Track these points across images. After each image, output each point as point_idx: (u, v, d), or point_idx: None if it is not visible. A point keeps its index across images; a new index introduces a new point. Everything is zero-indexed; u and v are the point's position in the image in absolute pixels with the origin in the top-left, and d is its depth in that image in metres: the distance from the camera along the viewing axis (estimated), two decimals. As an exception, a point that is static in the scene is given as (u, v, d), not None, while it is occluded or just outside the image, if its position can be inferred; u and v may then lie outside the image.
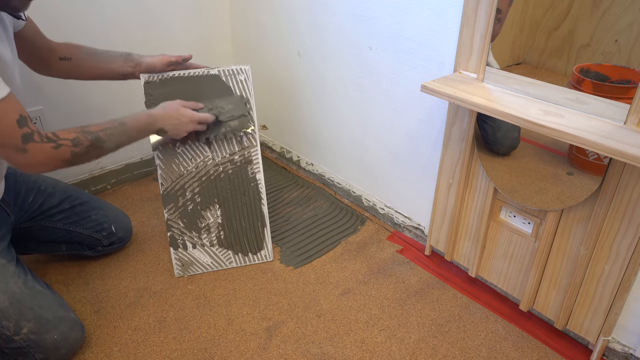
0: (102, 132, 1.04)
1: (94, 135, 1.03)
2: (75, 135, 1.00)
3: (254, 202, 1.39)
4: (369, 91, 1.44)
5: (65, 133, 0.99)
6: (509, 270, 1.23)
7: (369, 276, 1.37)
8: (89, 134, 1.02)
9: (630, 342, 1.07)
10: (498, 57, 1.16)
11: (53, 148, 0.96)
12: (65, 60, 1.21)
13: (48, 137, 0.96)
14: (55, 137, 0.97)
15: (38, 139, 0.94)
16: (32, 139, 0.93)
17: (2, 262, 1.06)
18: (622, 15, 0.99)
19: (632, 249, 0.96)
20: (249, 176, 1.37)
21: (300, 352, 1.13)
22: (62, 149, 0.97)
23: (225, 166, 1.36)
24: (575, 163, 1.11)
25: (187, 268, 1.36)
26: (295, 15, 1.58)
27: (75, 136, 1.00)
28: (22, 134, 0.92)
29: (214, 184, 1.36)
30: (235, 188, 1.38)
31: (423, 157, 1.37)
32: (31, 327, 1.02)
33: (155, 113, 1.16)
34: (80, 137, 1.00)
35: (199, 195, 1.35)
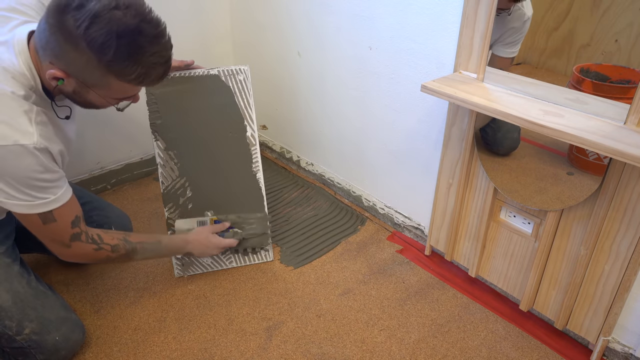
0: (139, 244, 1.13)
1: (132, 246, 1.11)
2: (117, 243, 1.08)
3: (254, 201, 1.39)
4: (369, 91, 1.44)
5: (109, 238, 1.07)
6: (509, 270, 1.23)
7: (369, 276, 1.37)
8: (128, 244, 1.10)
9: (630, 342, 1.07)
10: (498, 57, 1.16)
11: (94, 250, 1.04)
12: None
13: (93, 238, 1.04)
14: (99, 240, 1.05)
15: (84, 239, 1.02)
16: (79, 239, 1.01)
17: (7, 262, 1.06)
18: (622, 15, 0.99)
19: (632, 249, 0.96)
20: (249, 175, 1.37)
21: (300, 352, 1.13)
22: (101, 252, 1.05)
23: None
24: (575, 163, 1.11)
25: (187, 268, 1.36)
26: (295, 15, 1.58)
27: (117, 243, 1.08)
28: (73, 233, 0.99)
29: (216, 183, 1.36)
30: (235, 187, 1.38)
31: (423, 157, 1.37)
32: (33, 327, 1.02)
33: (189, 239, 1.25)
34: (120, 245, 1.08)
35: (199, 195, 1.35)
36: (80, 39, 0.80)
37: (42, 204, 0.92)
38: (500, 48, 1.15)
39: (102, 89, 0.89)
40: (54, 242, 0.99)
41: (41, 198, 0.91)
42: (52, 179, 0.92)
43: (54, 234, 0.97)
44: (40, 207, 0.92)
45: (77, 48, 0.81)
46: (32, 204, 0.90)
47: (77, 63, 0.83)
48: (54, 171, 0.93)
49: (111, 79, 0.86)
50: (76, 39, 0.80)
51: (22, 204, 0.90)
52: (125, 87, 0.89)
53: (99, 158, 1.73)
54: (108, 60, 0.82)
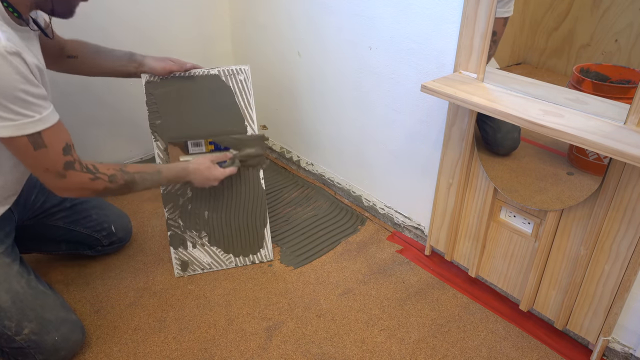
0: (138, 174, 1.09)
1: (130, 177, 1.08)
2: (114, 173, 1.05)
3: (254, 201, 1.39)
4: (369, 91, 1.44)
5: (105, 168, 1.04)
6: (509, 270, 1.23)
7: (369, 276, 1.37)
8: (126, 174, 1.07)
9: (630, 342, 1.07)
10: (498, 57, 1.16)
11: (90, 179, 1.01)
12: (72, 58, 1.23)
13: (88, 167, 1.01)
14: (94, 170, 1.02)
15: (78, 167, 0.99)
16: (73, 167, 0.98)
17: (6, 262, 1.06)
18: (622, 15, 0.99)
19: (632, 249, 0.96)
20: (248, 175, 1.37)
21: (300, 352, 1.13)
22: (98, 182, 1.02)
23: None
24: (575, 163, 1.11)
25: (187, 268, 1.36)
26: (295, 15, 1.58)
27: (114, 173, 1.05)
28: (65, 161, 0.97)
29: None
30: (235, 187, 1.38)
31: (423, 157, 1.37)
32: (33, 327, 1.02)
33: (189, 167, 1.21)
34: (117, 175, 1.05)
35: (199, 195, 1.35)
36: None
37: (28, 123, 0.88)
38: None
39: None
40: (48, 172, 0.95)
41: (26, 115, 0.87)
42: (35, 93, 0.88)
43: (47, 161, 0.94)
44: (27, 127, 0.88)
45: None
46: (18, 124, 0.86)
47: None
48: (35, 84, 0.88)
49: None
50: None
51: (7, 125, 0.86)
52: None
53: (99, 158, 1.71)
54: None
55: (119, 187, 1.06)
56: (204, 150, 1.32)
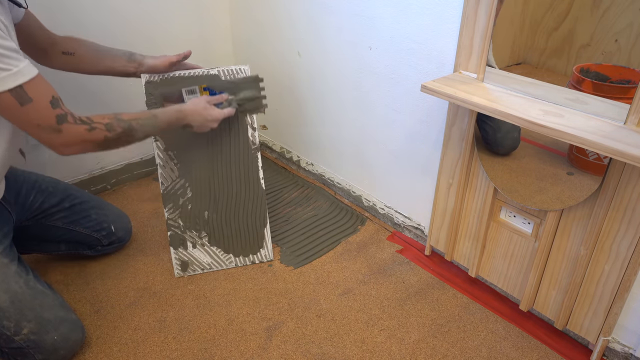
0: (134, 121, 1.07)
1: (127, 124, 1.05)
2: (109, 121, 1.02)
3: (254, 201, 1.39)
4: (369, 91, 1.44)
5: (99, 118, 1.02)
6: (509, 270, 1.23)
7: (369, 276, 1.37)
8: (122, 122, 1.04)
9: (630, 342, 1.07)
10: (498, 57, 1.16)
11: (87, 130, 0.98)
12: (67, 54, 1.22)
13: (82, 119, 0.98)
14: (89, 121, 0.99)
15: (72, 120, 0.96)
16: (66, 120, 0.96)
17: (4, 262, 1.06)
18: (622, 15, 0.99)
19: (632, 249, 0.96)
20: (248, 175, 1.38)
21: (300, 352, 1.13)
22: (96, 132, 1.00)
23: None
24: (575, 163, 1.11)
25: (186, 268, 1.36)
26: (295, 15, 1.58)
27: (109, 122, 1.02)
28: (56, 114, 0.94)
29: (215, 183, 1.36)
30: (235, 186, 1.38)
31: (423, 157, 1.37)
32: (32, 327, 1.02)
33: (184, 108, 1.18)
34: (113, 123, 1.03)
35: (199, 195, 1.35)
36: None
37: (7, 77, 0.86)
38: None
39: None
40: (41, 128, 0.93)
41: (2, 69, 0.85)
42: (5, 45, 0.86)
43: (37, 116, 0.92)
44: (6, 81, 0.86)
45: None
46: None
47: None
48: (6, 37, 0.86)
49: None
50: None
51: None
52: None
53: (99, 158, 1.73)
54: None
55: (118, 135, 1.04)
56: (198, 96, 1.29)
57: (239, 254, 1.40)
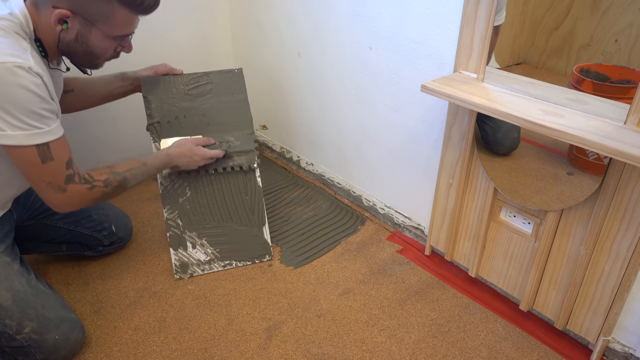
0: (127, 172, 1.13)
1: (122, 176, 1.11)
2: (107, 177, 1.08)
3: (252, 200, 1.39)
4: (369, 91, 1.44)
5: (98, 174, 1.07)
6: (509, 270, 1.23)
7: (369, 276, 1.37)
8: (118, 175, 1.11)
9: (630, 342, 1.07)
10: (498, 57, 1.16)
11: (88, 189, 1.05)
12: (68, 92, 1.25)
13: (85, 178, 1.04)
14: (90, 179, 1.05)
15: (77, 180, 1.02)
16: (73, 180, 1.01)
17: (7, 260, 1.06)
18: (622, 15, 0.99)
19: (632, 249, 0.96)
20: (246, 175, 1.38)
21: (300, 352, 1.13)
22: (95, 190, 1.06)
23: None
24: (575, 163, 1.11)
25: (186, 269, 1.35)
26: (295, 15, 1.58)
27: (107, 177, 1.08)
28: (67, 174, 1.00)
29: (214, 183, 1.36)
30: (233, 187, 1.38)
31: (423, 157, 1.37)
32: (33, 326, 1.02)
33: (171, 152, 1.24)
34: (110, 178, 1.09)
35: (198, 195, 1.35)
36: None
37: (39, 134, 0.92)
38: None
39: (105, 22, 0.97)
40: (51, 187, 0.98)
41: (37, 127, 0.91)
42: (49, 108, 0.93)
43: (51, 175, 0.97)
44: (37, 137, 0.92)
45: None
46: (29, 133, 0.90)
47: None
48: (49, 101, 0.93)
49: (114, 4, 0.95)
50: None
51: (18, 134, 0.89)
52: (126, 15, 0.99)
53: (99, 158, 1.73)
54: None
55: (114, 188, 1.10)
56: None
57: (238, 253, 1.40)
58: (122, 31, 1.02)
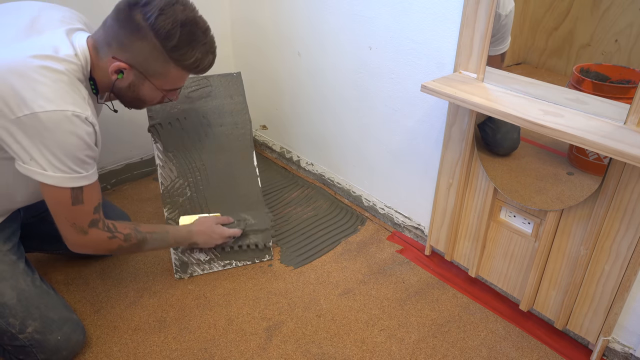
0: (149, 234, 1.15)
1: (143, 236, 1.13)
2: (129, 232, 1.10)
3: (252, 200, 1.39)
4: (369, 91, 1.44)
5: (122, 227, 1.10)
6: (509, 270, 1.23)
7: (369, 276, 1.37)
8: (139, 234, 1.13)
9: (630, 342, 1.07)
10: (498, 57, 1.16)
11: (108, 237, 1.06)
12: None
13: (108, 227, 1.06)
14: (113, 229, 1.07)
15: (101, 226, 1.04)
16: (97, 225, 1.03)
17: (13, 259, 1.07)
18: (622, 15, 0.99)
19: (632, 249, 0.96)
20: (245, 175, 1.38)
21: (300, 352, 1.13)
22: (114, 241, 1.08)
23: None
24: (575, 163, 1.11)
25: (186, 269, 1.35)
26: (295, 15, 1.58)
27: (129, 232, 1.10)
28: (92, 219, 1.01)
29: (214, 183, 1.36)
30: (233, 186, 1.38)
31: (423, 157, 1.37)
32: (36, 326, 1.02)
33: (193, 230, 1.27)
34: (132, 234, 1.11)
35: (198, 195, 1.35)
36: (149, 30, 0.93)
37: (76, 178, 0.95)
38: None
39: (159, 78, 1.01)
40: (74, 227, 1.00)
41: (77, 172, 0.95)
42: (92, 155, 0.97)
43: (77, 217, 0.99)
44: (74, 181, 0.95)
45: (144, 38, 0.94)
46: (67, 177, 0.93)
47: (142, 52, 0.96)
48: (94, 149, 0.98)
49: (171, 65, 0.99)
50: (144, 30, 0.93)
51: (58, 176, 0.92)
52: (180, 74, 1.02)
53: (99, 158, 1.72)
54: (172, 46, 0.95)
55: (131, 245, 1.11)
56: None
57: (238, 253, 1.40)
58: (173, 86, 1.05)
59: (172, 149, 1.33)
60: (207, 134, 1.36)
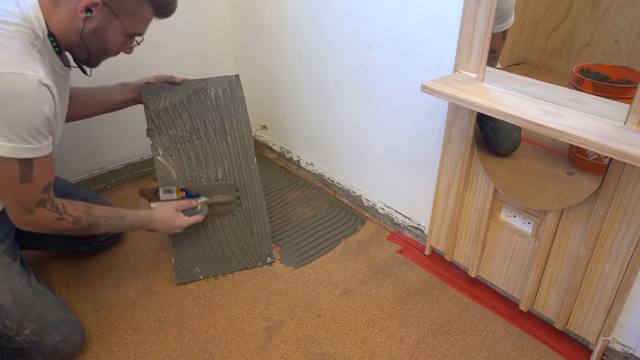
0: (102, 219, 1.11)
1: (95, 220, 1.09)
2: (79, 215, 1.06)
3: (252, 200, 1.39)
4: (369, 91, 1.44)
5: (72, 209, 1.05)
6: (509, 270, 1.23)
7: (369, 276, 1.37)
8: (91, 217, 1.09)
9: (630, 342, 1.07)
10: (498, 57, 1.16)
11: (56, 219, 1.02)
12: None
13: (57, 207, 1.02)
14: (62, 210, 1.03)
15: (49, 206, 1.00)
16: (44, 205, 0.99)
17: (8, 261, 1.06)
18: (622, 15, 0.99)
19: (632, 249, 0.96)
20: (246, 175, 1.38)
21: (300, 352, 1.13)
22: (62, 223, 1.03)
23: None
24: (575, 163, 1.11)
25: (188, 272, 1.35)
26: (295, 14, 1.58)
27: (79, 215, 1.06)
28: (41, 198, 0.97)
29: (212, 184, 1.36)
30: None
31: (423, 157, 1.37)
32: (33, 328, 1.02)
33: (153, 216, 1.22)
34: (82, 217, 1.07)
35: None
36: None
37: (25, 149, 0.89)
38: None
39: (130, 17, 0.99)
40: (19, 205, 0.96)
41: (28, 142, 0.89)
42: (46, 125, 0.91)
43: (24, 196, 0.95)
44: (23, 152, 0.89)
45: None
46: (16, 147, 0.88)
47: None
48: (49, 118, 0.92)
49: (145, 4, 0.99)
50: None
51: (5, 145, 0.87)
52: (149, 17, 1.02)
53: (99, 158, 1.73)
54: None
55: (81, 228, 1.08)
56: (175, 197, 1.32)
57: (238, 254, 1.40)
58: (139, 29, 1.04)
59: (171, 152, 1.33)
60: (206, 135, 1.36)
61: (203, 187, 1.34)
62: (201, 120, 1.36)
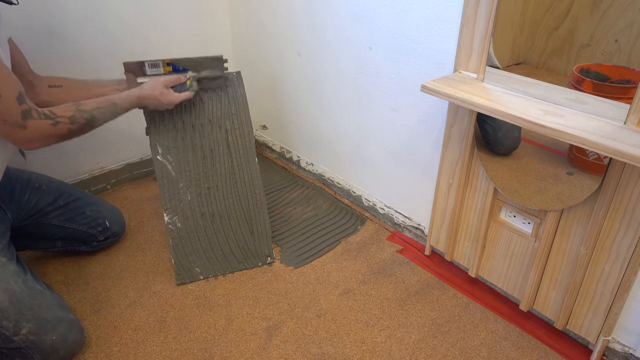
0: (95, 111, 1.10)
1: (89, 114, 1.08)
2: (72, 114, 1.05)
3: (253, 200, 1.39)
4: (369, 91, 1.44)
5: (62, 111, 1.03)
6: (509, 270, 1.23)
7: (369, 276, 1.37)
8: (85, 112, 1.07)
9: (630, 342, 1.07)
10: (498, 57, 1.16)
11: (51, 125, 1.01)
12: (55, 87, 1.23)
13: (45, 114, 1.00)
14: (52, 115, 1.01)
15: (36, 115, 0.98)
16: (31, 116, 0.97)
17: (3, 261, 1.05)
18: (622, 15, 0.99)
19: (632, 249, 0.96)
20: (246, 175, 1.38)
21: (300, 352, 1.13)
22: (60, 126, 1.02)
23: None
24: (575, 163, 1.11)
25: (188, 273, 1.35)
26: (295, 15, 1.58)
27: (72, 114, 1.05)
28: (22, 110, 0.96)
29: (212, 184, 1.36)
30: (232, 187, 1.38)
31: (423, 157, 1.37)
32: (30, 327, 1.02)
33: (142, 94, 1.19)
34: (76, 115, 1.05)
35: (198, 197, 1.35)
36: None
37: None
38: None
39: None
40: (8, 125, 0.95)
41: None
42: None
43: (4, 112, 0.94)
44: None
45: None
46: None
47: None
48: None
49: None
50: None
51: None
52: None
53: (99, 158, 1.73)
54: None
55: (81, 126, 1.07)
56: (161, 71, 1.28)
57: (239, 254, 1.40)
58: None
59: (171, 151, 1.33)
60: (206, 134, 1.36)
61: (190, 60, 1.30)
62: (201, 119, 1.36)
